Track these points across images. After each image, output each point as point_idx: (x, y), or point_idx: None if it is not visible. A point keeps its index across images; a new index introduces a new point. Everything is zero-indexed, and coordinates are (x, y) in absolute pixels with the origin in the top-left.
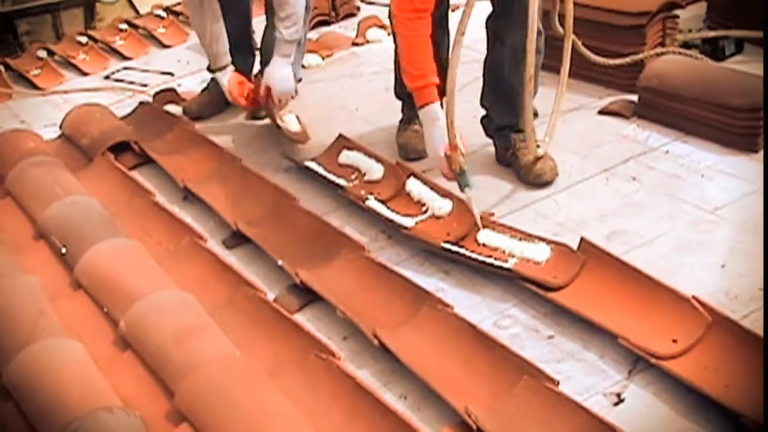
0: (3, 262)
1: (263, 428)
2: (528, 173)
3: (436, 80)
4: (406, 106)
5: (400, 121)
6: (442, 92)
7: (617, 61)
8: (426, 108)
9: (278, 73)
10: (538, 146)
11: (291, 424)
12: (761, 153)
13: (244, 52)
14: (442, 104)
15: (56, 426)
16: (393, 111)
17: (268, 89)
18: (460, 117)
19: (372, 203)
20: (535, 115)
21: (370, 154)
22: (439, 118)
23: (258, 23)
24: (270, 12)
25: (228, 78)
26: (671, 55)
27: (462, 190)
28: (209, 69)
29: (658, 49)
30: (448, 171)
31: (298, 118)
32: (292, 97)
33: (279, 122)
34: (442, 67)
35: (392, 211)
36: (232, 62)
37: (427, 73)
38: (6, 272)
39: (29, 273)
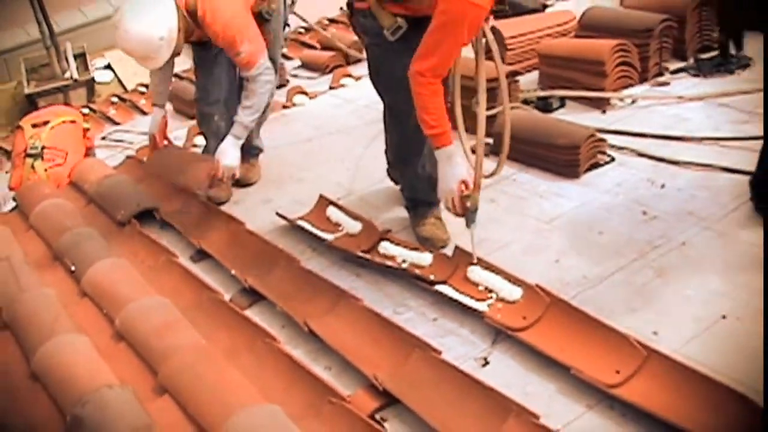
0: (28, 279)
1: (225, 397)
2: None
3: (449, 126)
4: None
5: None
6: None
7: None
8: (443, 149)
9: (228, 150)
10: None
11: (245, 392)
12: (582, 178)
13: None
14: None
15: (71, 399)
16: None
17: (217, 165)
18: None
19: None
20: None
21: None
22: (453, 157)
23: None
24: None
25: (156, 117)
26: (515, 110)
27: (468, 225)
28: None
29: None
30: (459, 207)
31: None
32: (234, 175)
33: (208, 191)
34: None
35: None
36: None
37: (442, 121)
38: (31, 287)
39: (48, 286)
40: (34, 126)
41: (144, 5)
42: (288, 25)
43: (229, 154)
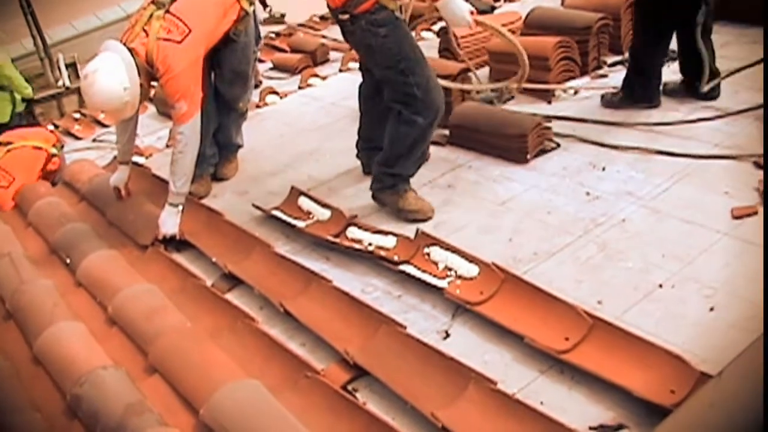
0: (28, 272)
1: (209, 374)
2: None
3: None
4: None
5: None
6: None
7: None
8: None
9: (167, 220)
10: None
11: (227, 369)
12: (531, 163)
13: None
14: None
15: (70, 380)
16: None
17: (158, 228)
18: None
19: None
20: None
21: None
22: None
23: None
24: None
25: (121, 174)
26: (469, 102)
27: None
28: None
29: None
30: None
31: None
32: (175, 236)
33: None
34: None
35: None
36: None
37: None
38: (31, 279)
39: (46, 278)
40: (0, 144)
41: (103, 66)
42: (261, 39)
43: (167, 222)
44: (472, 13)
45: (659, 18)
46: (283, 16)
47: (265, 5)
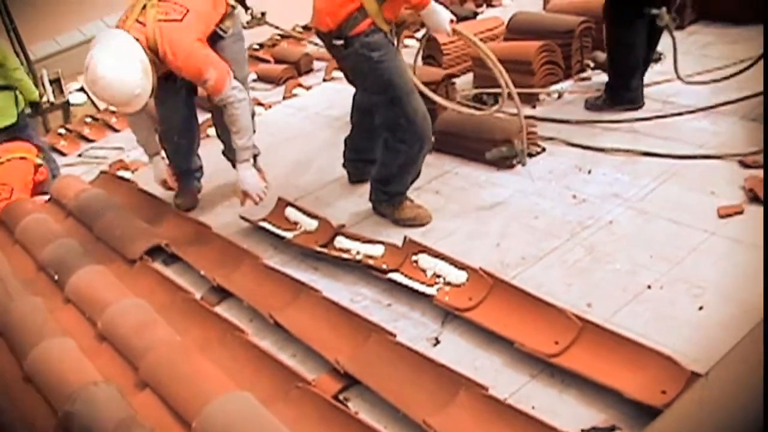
0: (17, 289)
1: (199, 387)
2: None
3: None
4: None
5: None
6: None
7: None
8: (428, 6)
9: (247, 177)
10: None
11: (218, 382)
12: (517, 168)
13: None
14: None
15: (60, 397)
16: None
17: (245, 193)
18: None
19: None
20: None
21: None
22: (437, 8)
23: None
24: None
25: (156, 167)
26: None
27: (523, 164)
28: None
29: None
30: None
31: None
32: (265, 191)
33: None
34: None
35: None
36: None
37: None
38: (19, 296)
39: (34, 295)
40: None
41: (110, 53)
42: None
43: (248, 179)
44: (451, 21)
45: (630, 16)
46: (263, 14)
47: (246, 7)
